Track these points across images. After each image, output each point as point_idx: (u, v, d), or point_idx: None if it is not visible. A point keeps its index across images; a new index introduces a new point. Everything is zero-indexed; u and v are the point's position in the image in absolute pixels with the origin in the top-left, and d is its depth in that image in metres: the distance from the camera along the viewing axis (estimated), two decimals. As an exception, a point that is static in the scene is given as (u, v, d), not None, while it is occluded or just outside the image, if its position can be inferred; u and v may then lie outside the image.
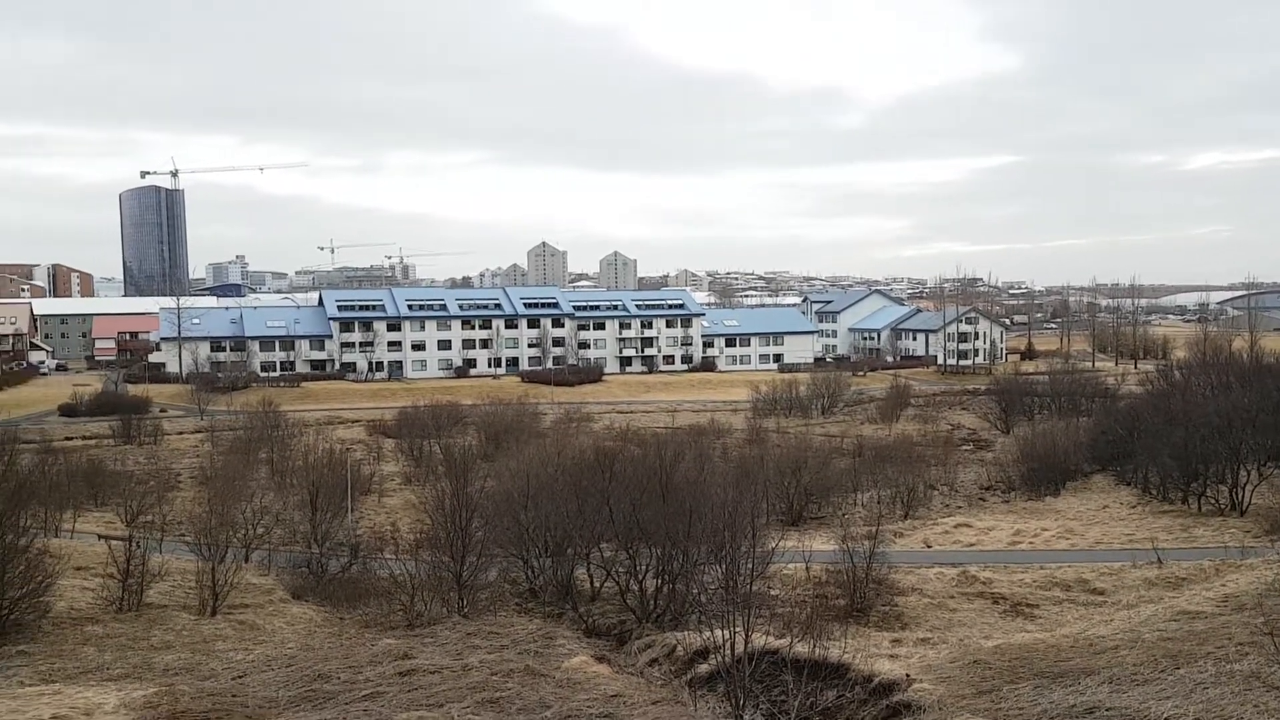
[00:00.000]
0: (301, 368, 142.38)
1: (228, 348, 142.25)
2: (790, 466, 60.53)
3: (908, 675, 24.33)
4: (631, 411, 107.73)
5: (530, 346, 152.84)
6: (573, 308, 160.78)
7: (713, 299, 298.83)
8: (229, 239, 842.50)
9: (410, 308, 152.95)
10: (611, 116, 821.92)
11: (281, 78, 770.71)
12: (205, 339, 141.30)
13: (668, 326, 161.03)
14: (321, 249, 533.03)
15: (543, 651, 28.79)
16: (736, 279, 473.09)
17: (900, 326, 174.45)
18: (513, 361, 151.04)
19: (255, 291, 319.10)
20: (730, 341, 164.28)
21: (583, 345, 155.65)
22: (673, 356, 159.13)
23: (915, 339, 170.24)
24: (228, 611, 35.66)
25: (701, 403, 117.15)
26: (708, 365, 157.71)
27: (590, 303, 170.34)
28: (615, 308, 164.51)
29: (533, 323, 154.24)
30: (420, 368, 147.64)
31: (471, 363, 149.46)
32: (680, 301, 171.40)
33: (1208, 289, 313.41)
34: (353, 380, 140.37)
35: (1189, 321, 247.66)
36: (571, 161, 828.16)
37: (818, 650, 24.88)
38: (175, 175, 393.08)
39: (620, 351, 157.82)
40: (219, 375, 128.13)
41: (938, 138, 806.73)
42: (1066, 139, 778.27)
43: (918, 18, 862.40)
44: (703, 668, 27.17)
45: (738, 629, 24.21)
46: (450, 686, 24.01)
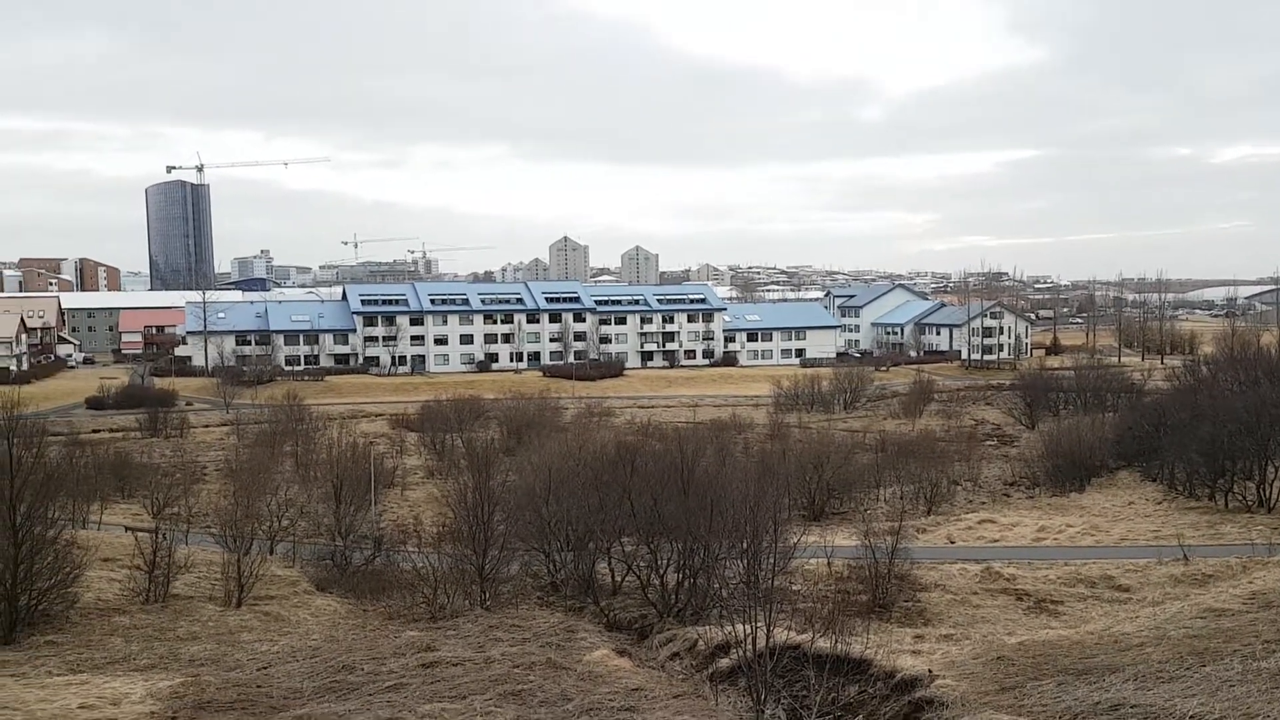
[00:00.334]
0: (325, 361, 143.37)
1: (253, 341, 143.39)
2: (812, 461, 60.41)
3: (930, 671, 24.22)
4: (653, 406, 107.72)
5: (552, 341, 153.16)
6: (594, 302, 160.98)
7: (734, 293, 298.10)
8: (254, 233, 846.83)
9: (433, 302, 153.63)
10: (634, 111, 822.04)
11: (306, 74, 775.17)
12: (230, 333, 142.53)
13: (689, 321, 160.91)
14: (345, 244, 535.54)
15: (564, 645, 28.85)
16: (758, 273, 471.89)
17: (924, 321, 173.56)
18: (534, 356, 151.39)
19: (280, 286, 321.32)
20: (752, 336, 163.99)
21: (604, 340, 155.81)
22: (694, 351, 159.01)
23: (939, 334, 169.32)
24: (253, 603, 35.96)
25: (723, 397, 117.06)
26: (729, 360, 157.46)
27: (612, 297, 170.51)
28: (637, 302, 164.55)
29: (554, 317, 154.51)
30: (443, 362, 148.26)
31: (493, 357, 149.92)
32: (702, 296, 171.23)
33: (1235, 283, 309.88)
34: (376, 374, 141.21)
35: (1216, 316, 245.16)
36: (593, 156, 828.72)
37: (839, 646, 24.78)
38: (201, 170, 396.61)
39: (641, 346, 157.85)
40: (244, 369, 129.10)
41: (962, 131, 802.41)
42: (1092, 132, 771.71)
43: (942, 10, 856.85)
44: (724, 662, 27.14)
45: (759, 624, 24.17)
46: (473, 679, 24.11)
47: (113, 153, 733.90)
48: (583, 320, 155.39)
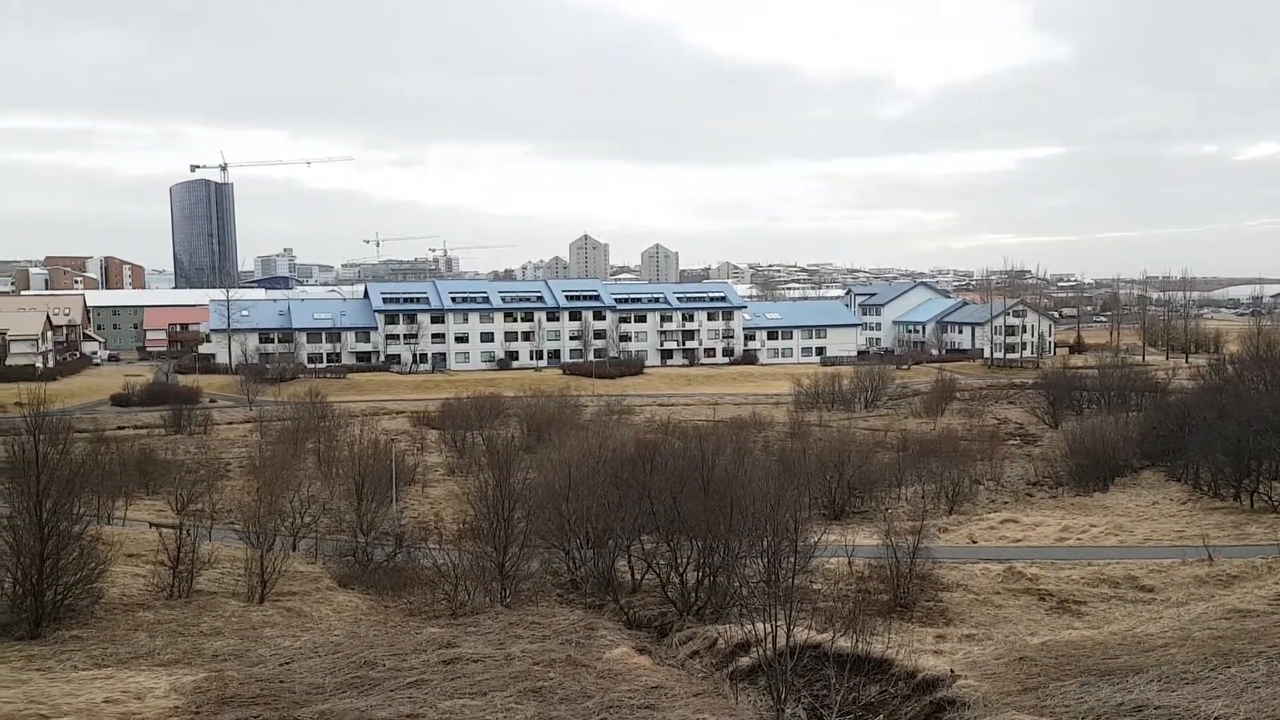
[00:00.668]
0: (347, 359, 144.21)
1: (276, 339, 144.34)
2: (833, 460, 60.17)
3: (952, 671, 24.10)
4: (672, 404, 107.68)
5: (572, 339, 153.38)
6: (614, 300, 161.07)
7: (755, 291, 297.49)
8: (277, 232, 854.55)
9: (454, 300, 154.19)
10: (654, 109, 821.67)
11: (328, 73, 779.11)
12: (254, 330, 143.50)
13: (709, 319, 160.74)
14: (367, 242, 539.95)
15: (584, 642, 28.88)
16: (779, 271, 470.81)
17: (946, 319, 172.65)
18: (554, 354, 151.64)
19: (302, 284, 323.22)
20: (772, 334, 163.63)
21: (624, 338, 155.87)
22: (714, 349, 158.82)
23: (961, 332, 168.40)
24: (275, 599, 36.19)
25: (743, 396, 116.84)
26: (749, 358, 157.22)
27: (632, 295, 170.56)
28: (656, 300, 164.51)
29: (574, 315, 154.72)
30: (463, 359, 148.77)
31: (514, 355, 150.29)
32: (722, 294, 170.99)
33: (1261, 281, 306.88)
34: (397, 372, 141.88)
35: (1242, 315, 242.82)
36: (614, 154, 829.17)
37: (860, 645, 24.71)
38: (224, 169, 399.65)
39: (661, 344, 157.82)
40: (267, 366, 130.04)
41: (984, 128, 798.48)
42: (1115, 130, 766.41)
43: (963, 6, 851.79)
44: (744, 661, 27.10)
45: (780, 623, 24.11)
46: (493, 675, 24.18)
47: (137, 152, 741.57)
48: (603, 318, 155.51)
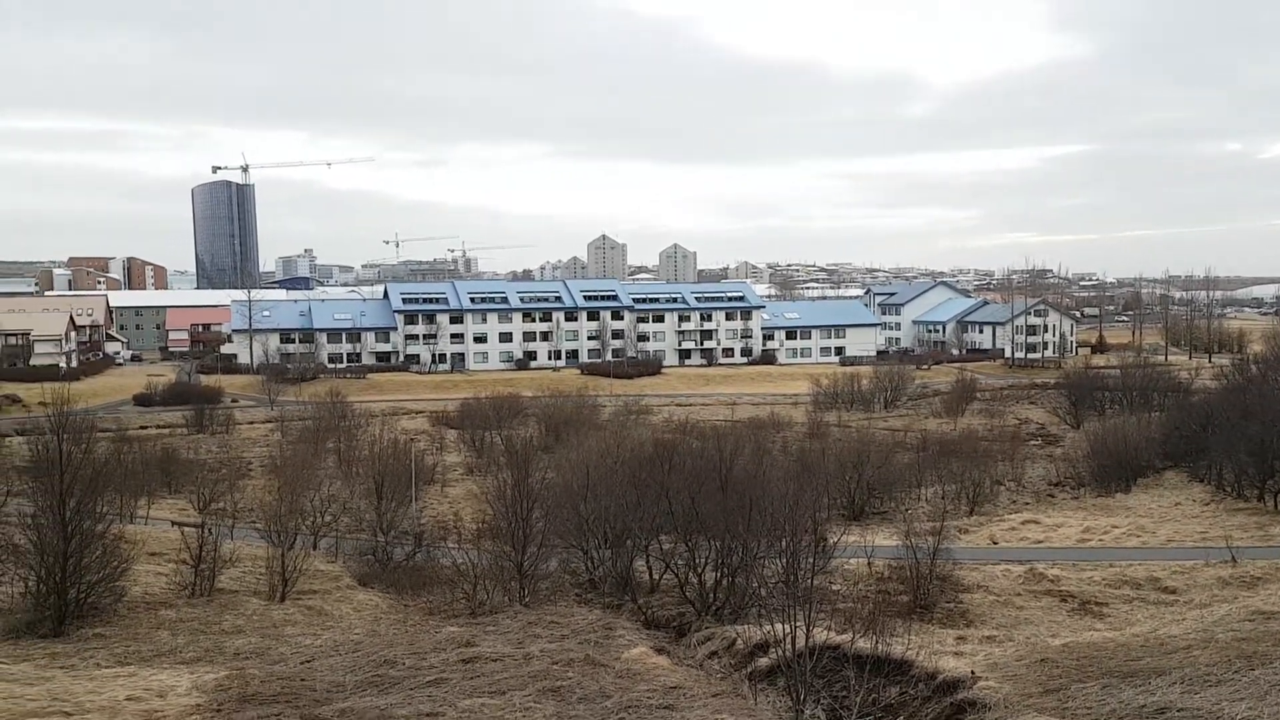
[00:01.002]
0: (367, 359, 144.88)
1: (297, 339, 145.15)
2: (852, 461, 59.95)
3: (972, 673, 23.99)
4: (690, 404, 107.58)
5: (590, 339, 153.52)
6: (632, 300, 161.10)
7: (773, 291, 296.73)
8: (297, 233, 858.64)
9: (472, 300, 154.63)
10: (673, 108, 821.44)
11: (348, 74, 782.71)
12: (275, 331, 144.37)
13: (727, 319, 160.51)
14: (387, 243, 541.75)
15: (603, 642, 28.90)
16: (797, 271, 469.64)
17: (966, 319, 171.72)
18: (572, 354, 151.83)
19: (323, 285, 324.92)
20: (791, 334, 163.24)
21: (642, 338, 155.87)
22: (732, 349, 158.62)
23: (982, 332, 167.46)
24: (296, 597, 36.36)
25: (761, 396, 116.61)
26: (768, 358, 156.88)
27: (650, 295, 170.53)
28: (674, 300, 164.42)
29: (592, 315, 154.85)
30: (482, 359, 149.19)
31: (532, 355, 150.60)
32: (740, 294, 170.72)
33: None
34: (416, 372, 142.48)
35: (1265, 314, 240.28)
36: (632, 154, 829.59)
37: (880, 646, 24.63)
38: (246, 170, 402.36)
39: (679, 344, 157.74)
40: (288, 366, 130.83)
41: (1006, 126, 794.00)
42: (1138, 128, 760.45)
43: (987, 4, 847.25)
44: (763, 661, 27.05)
45: (799, 623, 24.05)
46: (512, 674, 24.24)
47: (159, 153, 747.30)
48: (621, 318, 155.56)
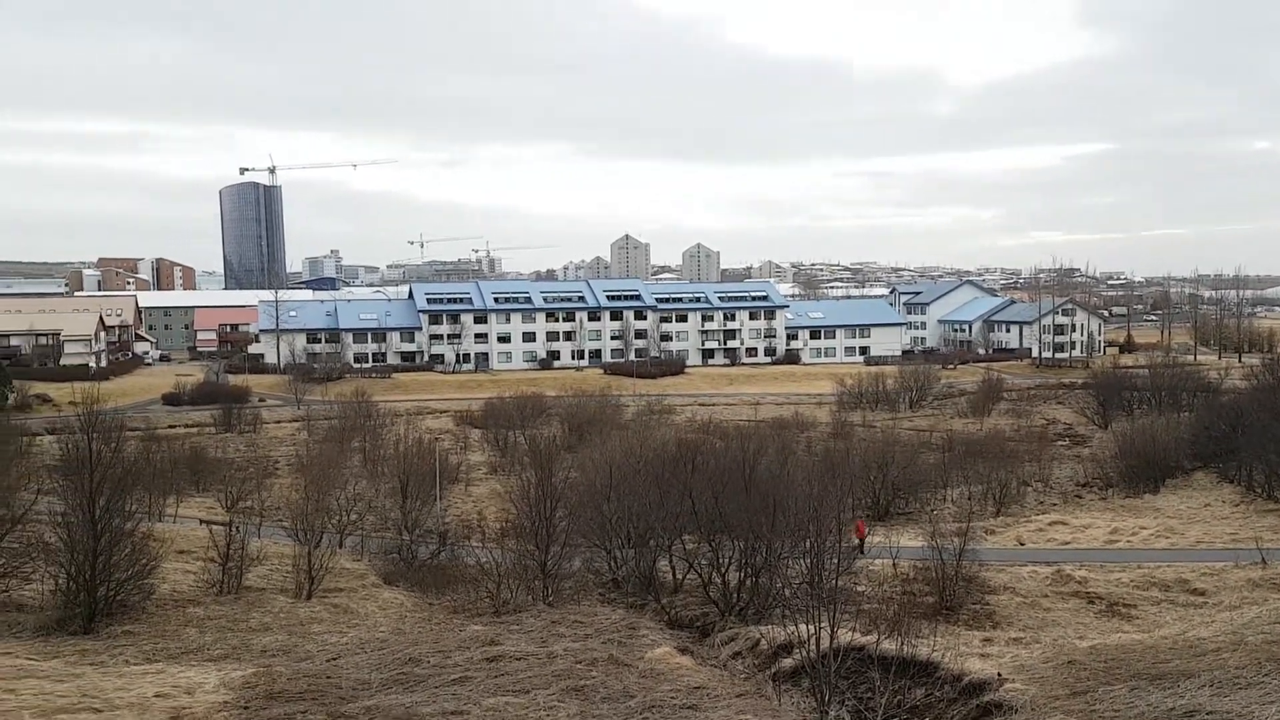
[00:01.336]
0: (392, 359, 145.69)
1: (323, 339, 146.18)
2: (877, 461, 59.63)
3: (999, 675, 23.83)
4: (714, 404, 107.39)
5: (613, 339, 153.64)
6: (655, 300, 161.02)
7: (797, 291, 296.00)
8: (324, 234, 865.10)
9: (496, 300, 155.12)
10: (696, 107, 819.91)
11: (373, 75, 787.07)
12: (302, 331, 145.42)
13: (751, 319, 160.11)
14: (411, 243, 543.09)
15: (626, 641, 28.91)
16: (821, 270, 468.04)
17: (993, 318, 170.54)
18: (595, 353, 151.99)
19: (349, 285, 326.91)
20: (815, 334, 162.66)
21: (665, 337, 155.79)
22: (755, 349, 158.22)
23: (1009, 331, 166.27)
24: (323, 595, 36.62)
25: (785, 396, 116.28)
26: (791, 358, 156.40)
27: (673, 295, 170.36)
28: (698, 300, 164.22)
29: (615, 315, 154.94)
30: (506, 359, 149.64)
31: (555, 354, 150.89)
32: (764, 293, 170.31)
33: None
34: (441, 371, 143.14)
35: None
36: (656, 153, 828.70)
37: (905, 647, 24.48)
38: (273, 172, 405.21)
39: (703, 344, 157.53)
40: (315, 366, 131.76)
41: (1031, 124, 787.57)
42: (1165, 126, 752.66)
43: (1008, 2, 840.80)
44: (787, 662, 26.98)
45: (823, 624, 23.96)
46: (536, 673, 24.30)
47: (188, 155, 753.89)
48: (644, 318, 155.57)
